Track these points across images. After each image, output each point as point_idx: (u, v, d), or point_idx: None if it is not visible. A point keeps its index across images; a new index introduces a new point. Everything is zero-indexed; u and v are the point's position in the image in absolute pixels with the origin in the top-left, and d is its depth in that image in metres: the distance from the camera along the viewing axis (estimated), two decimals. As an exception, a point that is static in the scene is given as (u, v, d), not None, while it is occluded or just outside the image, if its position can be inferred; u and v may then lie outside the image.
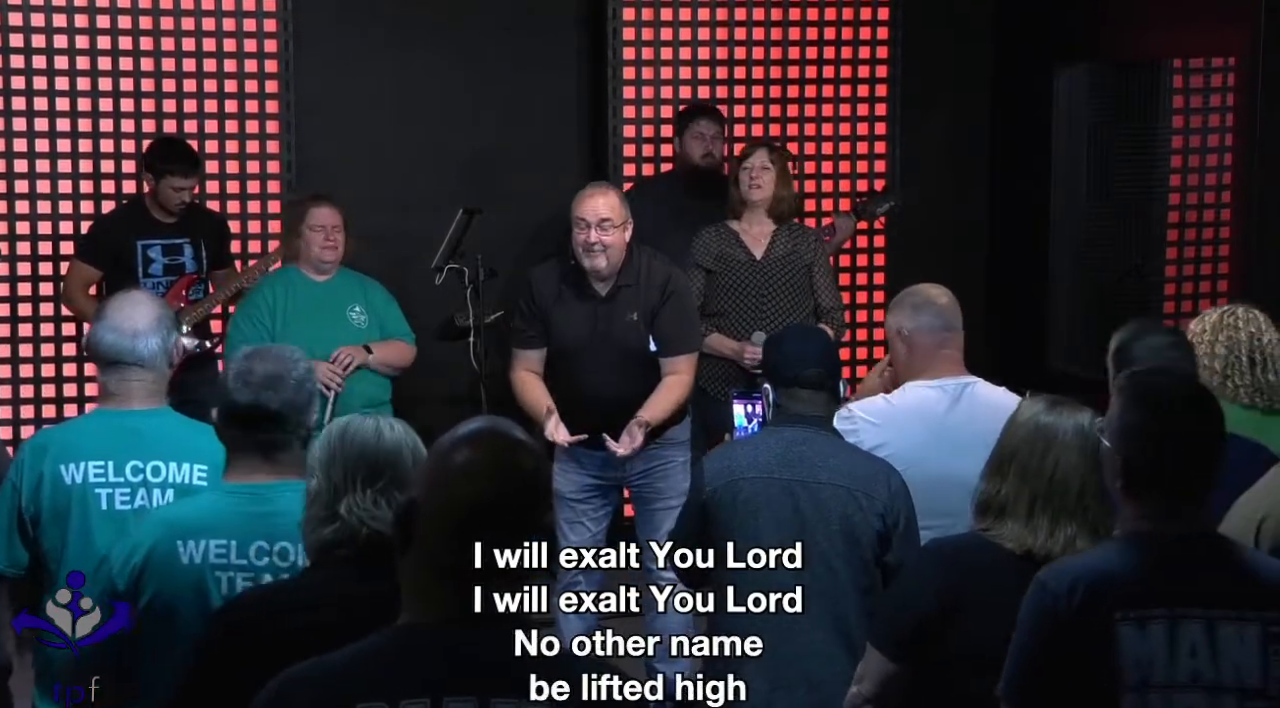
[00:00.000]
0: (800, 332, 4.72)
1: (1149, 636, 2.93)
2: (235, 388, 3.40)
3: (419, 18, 7.66)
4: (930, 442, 4.36)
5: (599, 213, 5.75)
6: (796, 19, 7.96)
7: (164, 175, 6.72)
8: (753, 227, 6.62)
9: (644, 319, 5.82)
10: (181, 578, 3.32)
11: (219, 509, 3.38)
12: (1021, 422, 3.52)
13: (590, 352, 5.80)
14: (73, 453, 3.90)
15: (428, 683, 2.28)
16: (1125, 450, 3.02)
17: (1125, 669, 2.92)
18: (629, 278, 5.83)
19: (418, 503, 2.35)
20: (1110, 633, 2.92)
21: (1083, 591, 2.95)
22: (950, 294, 4.62)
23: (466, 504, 2.32)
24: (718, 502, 4.22)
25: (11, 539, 3.94)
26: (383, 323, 6.40)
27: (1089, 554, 3.13)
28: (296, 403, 3.41)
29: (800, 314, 6.55)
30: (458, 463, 2.34)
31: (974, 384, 4.52)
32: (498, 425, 2.42)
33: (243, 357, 3.48)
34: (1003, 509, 3.48)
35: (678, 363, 5.88)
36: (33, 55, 7.16)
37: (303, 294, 6.30)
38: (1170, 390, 3.09)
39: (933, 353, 4.52)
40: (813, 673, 4.12)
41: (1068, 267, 8.10)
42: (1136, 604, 2.94)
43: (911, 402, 4.50)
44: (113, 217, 7.03)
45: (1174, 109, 7.80)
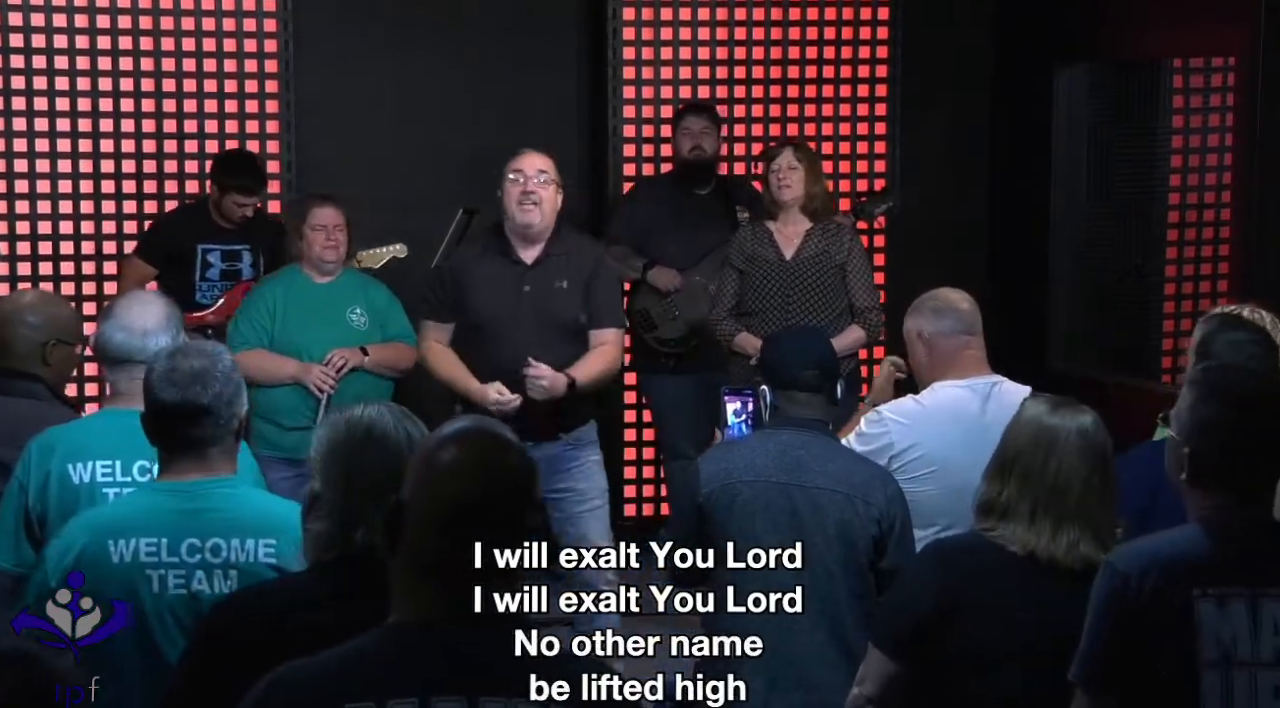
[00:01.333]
0: (799, 333, 4.73)
1: (1230, 613, 2.92)
2: (161, 387, 3.38)
3: (419, 18, 7.66)
4: (964, 441, 4.32)
5: (535, 165, 5.60)
6: (796, 19, 7.96)
7: (228, 191, 6.74)
8: (786, 226, 6.60)
9: (576, 288, 5.61)
10: (112, 577, 3.31)
11: (149, 507, 3.38)
12: (1024, 423, 3.52)
13: (515, 322, 5.56)
14: (80, 452, 3.90)
15: (416, 683, 2.28)
16: (1194, 444, 3.02)
17: (1206, 646, 2.92)
18: (559, 247, 5.64)
19: (404, 503, 2.35)
20: (1189, 610, 2.92)
21: (1157, 571, 2.94)
22: (971, 299, 4.59)
23: (452, 503, 2.32)
24: (714, 504, 4.21)
25: (18, 538, 3.93)
26: (384, 325, 6.35)
27: (1159, 537, 3.10)
28: (225, 396, 3.39)
29: (830, 314, 6.52)
30: (444, 462, 2.34)
31: (1001, 383, 4.51)
32: (484, 424, 2.42)
33: (165, 356, 3.46)
34: (1005, 511, 3.48)
35: (606, 335, 5.66)
36: (33, 55, 7.16)
37: (303, 295, 6.28)
38: (1241, 386, 3.09)
39: (955, 355, 4.51)
40: (809, 675, 4.12)
41: (1068, 267, 8.10)
42: (1216, 582, 2.94)
43: (944, 401, 4.47)
44: (175, 217, 7.07)
45: (1174, 109, 7.80)
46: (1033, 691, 3.41)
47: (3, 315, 4.44)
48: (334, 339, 6.22)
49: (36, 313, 4.44)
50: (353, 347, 6.22)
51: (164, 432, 3.41)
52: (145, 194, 7.36)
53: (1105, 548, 3.41)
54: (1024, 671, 3.42)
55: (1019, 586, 3.41)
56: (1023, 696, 3.43)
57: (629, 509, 7.98)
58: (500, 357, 5.55)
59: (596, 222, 7.67)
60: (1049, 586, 3.41)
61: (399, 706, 2.26)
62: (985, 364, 4.54)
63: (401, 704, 2.26)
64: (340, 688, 2.28)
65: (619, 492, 7.85)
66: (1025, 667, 3.42)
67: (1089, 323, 8.12)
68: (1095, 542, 3.41)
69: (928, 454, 4.37)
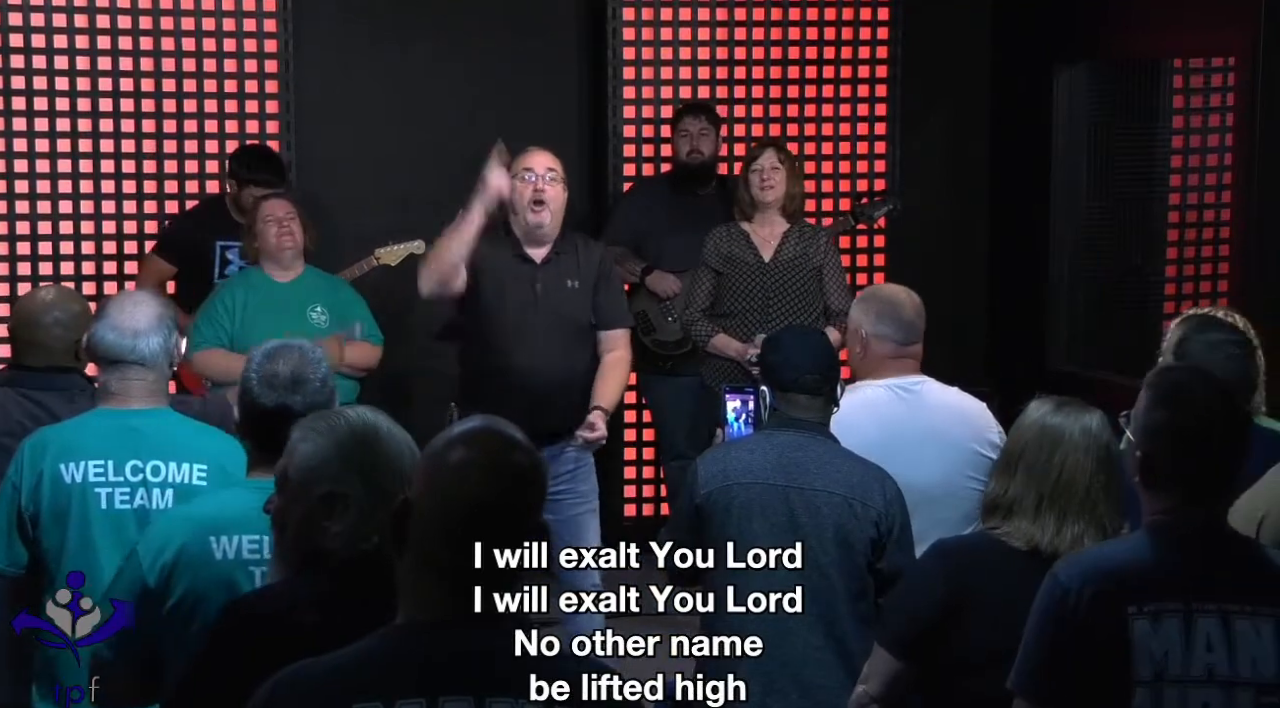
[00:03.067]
0: (799, 334, 4.70)
1: (1163, 629, 2.92)
2: (260, 391, 3.38)
3: (419, 18, 7.66)
4: (880, 439, 4.35)
5: (546, 163, 5.61)
6: (796, 19, 7.96)
7: (247, 184, 6.73)
8: (763, 227, 6.61)
9: (585, 287, 5.61)
10: (213, 575, 3.29)
11: (249, 505, 3.37)
12: (1029, 423, 3.53)
13: (526, 323, 5.53)
14: (73, 452, 3.90)
15: (424, 683, 2.28)
16: (1145, 446, 3.03)
17: (1138, 663, 2.92)
18: (566, 246, 5.64)
19: (412, 503, 2.35)
20: (1123, 627, 2.92)
21: (1095, 584, 2.95)
22: (918, 304, 4.61)
23: (461, 504, 2.31)
24: (712, 506, 4.20)
25: (11, 538, 3.94)
26: (345, 323, 6.33)
27: (1103, 547, 3.13)
28: (318, 404, 3.38)
29: (808, 317, 6.53)
30: (453, 462, 2.34)
31: (924, 383, 4.56)
32: (493, 424, 2.41)
33: (264, 356, 3.44)
34: (1010, 508, 3.49)
35: (616, 338, 5.68)
36: (33, 55, 7.16)
37: (263, 294, 6.27)
38: (1193, 388, 3.07)
39: (885, 360, 4.56)
40: (805, 678, 4.12)
41: (1068, 267, 8.10)
42: (1151, 598, 2.93)
43: (861, 400, 4.49)
44: (193, 215, 7.08)
45: (1174, 109, 7.79)
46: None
47: (31, 317, 4.46)
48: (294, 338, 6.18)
49: (63, 310, 4.47)
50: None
51: (257, 431, 3.40)
52: (146, 194, 7.35)
53: (1109, 542, 3.43)
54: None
55: (1024, 582, 3.41)
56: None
57: (629, 509, 7.98)
58: (513, 356, 5.52)
59: (596, 222, 7.66)
60: None
61: (407, 705, 2.26)
62: (915, 367, 4.58)
63: (409, 704, 2.26)
64: (348, 688, 2.28)
65: (619, 492, 7.85)
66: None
67: (1089, 323, 8.12)
68: (1100, 536, 3.43)
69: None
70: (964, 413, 4.57)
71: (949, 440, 4.47)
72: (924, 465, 4.35)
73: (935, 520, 4.22)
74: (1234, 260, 7.43)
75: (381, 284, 6.79)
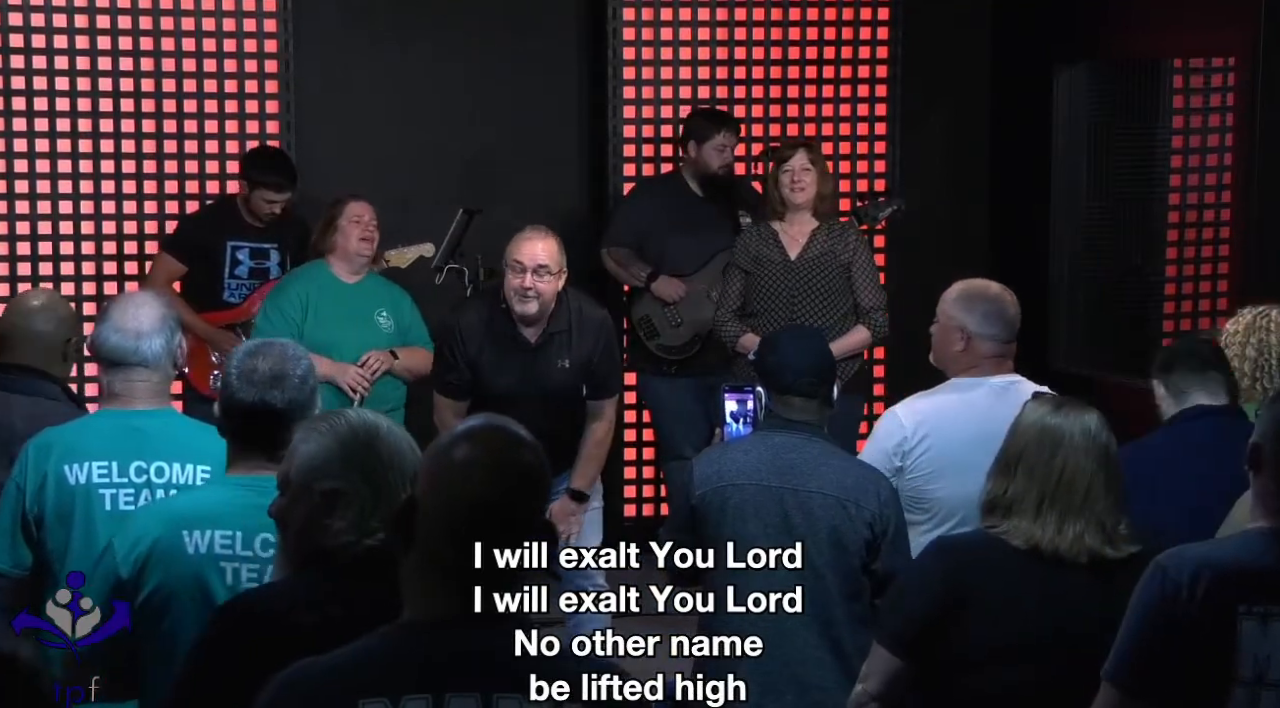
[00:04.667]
0: (796, 336, 4.70)
1: (1270, 632, 2.92)
2: (239, 387, 3.39)
3: (419, 18, 7.66)
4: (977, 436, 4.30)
5: (536, 258, 5.54)
6: (796, 19, 7.96)
7: (258, 186, 6.73)
8: (792, 226, 6.60)
9: (577, 366, 5.66)
10: (185, 569, 3.31)
11: (224, 501, 3.38)
12: (1028, 423, 3.54)
13: (521, 398, 5.52)
14: (77, 453, 3.90)
15: (430, 680, 2.28)
16: (1259, 436, 3.02)
17: (1242, 664, 2.91)
18: (560, 324, 5.66)
19: (417, 501, 2.35)
20: (1231, 626, 2.91)
21: (1206, 580, 2.93)
22: (1016, 300, 4.57)
23: (465, 502, 2.31)
24: (706, 506, 4.21)
25: (15, 539, 3.93)
26: (406, 329, 6.40)
27: (1212, 543, 3.11)
28: (299, 401, 3.40)
29: (836, 315, 6.52)
30: (457, 460, 2.34)
31: (1019, 382, 4.49)
32: (497, 422, 2.41)
33: (245, 354, 3.46)
34: (1010, 507, 3.49)
35: (604, 406, 5.78)
36: (33, 55, 7.16)
37: (333, 294, 6.31)
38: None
39: (987, 359, 4.50)
40: (801, 678, 4.13)
41: (1068, 267, 8.10)
42: (1261, 599, 2.92)
43: (957, 397, 4.47)
44: (203, 215, 7.08)
45: (1174, 109, 7.79)
46: (1040, 685, 3.41)
47: (20, 319, 4.50)
48: (364, 339, 6.27)
49: (52, 312, 4.51)
50: (383, 349, 6.25)
51: (237, 429, 3.42)
52: (146, 194, 7.35)
53: (1110, 541, 3.43)
54: (1031, 665, 3.43)
55: (1024, 581, 3.42)
56: (1030, 690, 3.43)
57: (629, 509, 7.98)
58: None
59: (596, 222, 7.67)
60: (1054, 580, 3.42)
61: (413, 702, 2.26)
62: (1012, 366, 4.55)
63: (415, 701, 2.26)
64: (354, 686, 2.28)
65: (619, 492, 7.85)
66: (1032, 662, 3.43)
67: (1089, 323, 8.12)
68: (1100, 535, 3.43)
69: (938, 447, 4.37)
70: None
71: None
72: None
73: None
74: (1234, 260, 7.44)
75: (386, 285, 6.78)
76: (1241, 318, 4.50)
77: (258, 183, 6.73)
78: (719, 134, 7.18)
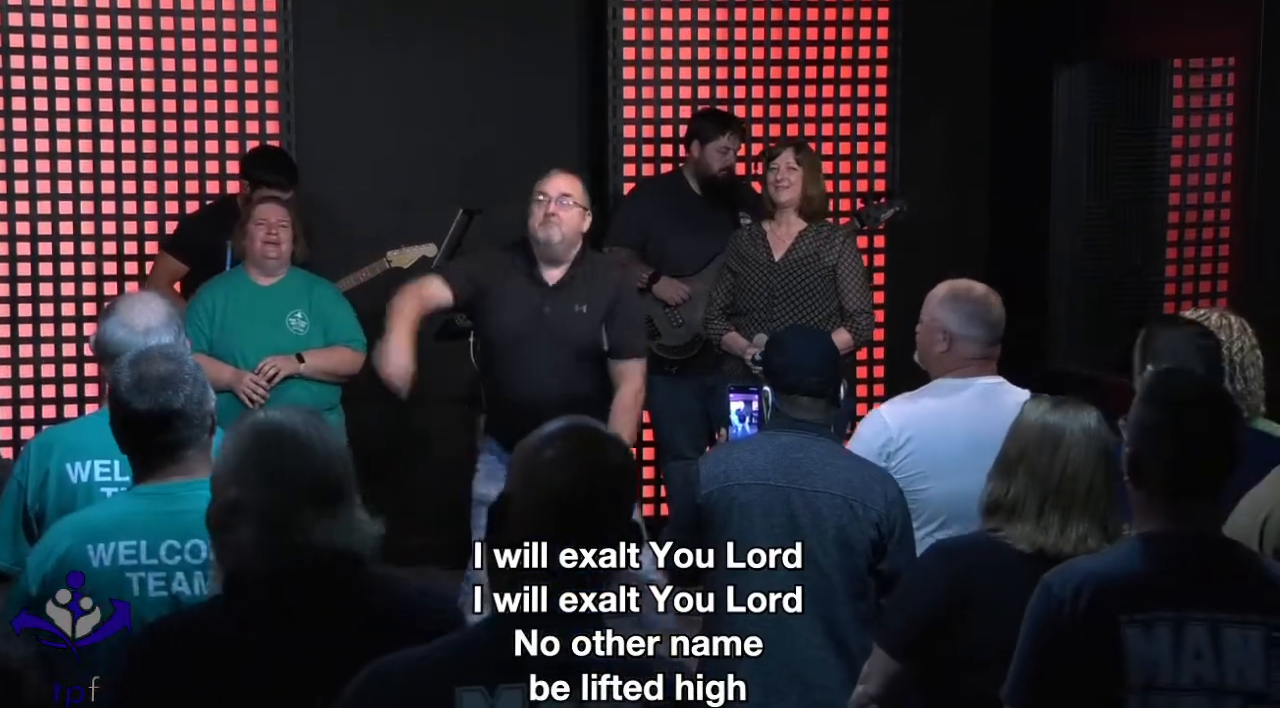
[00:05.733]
0: (803, 335, 4.70)
1: (1154, 638, 2.93)
2: (133, 397, 3.36)
3: (419, 17, 7.66)
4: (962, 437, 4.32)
5: (560, 188, 5.56)
6: (796, 19, 7.96)
7: (260, 185, 6.71)
8: (780, 227, 6.60)
9: (594, 313, 5.55)
10: (95, 581, 3.30)
11: (128, 511, 3.37)
12: (1028, 423, 3.54)
13: (531, 343, 5.49)
14: (79, 451, 3.90)
15: (524, 670, 2.35)
16: (1134, 446, 3.03)
17: (1130, 672, 2.93)
18: (581, 270, 5.58)
19: (509, 499, 2.42)
20: (1116, 636, 2.93)
21: (1088, 594, 2.95)
22: (1000, 302, 4.56)
23: (556, 499, 2.38)
24: (712, 506, 4.21)
25: (17, 537, 3.94)
26: (328, 328, 6.25)
27: (1094, 557, 3.13)
28: (194, 397, 3.38)
29: (818, 317, 6.50)
30: (547, 459, 2.40)
31: (1001, 384, 4.50)
32: (583, 422, 2.48)
33: (128, 365, 3.42)
34: (1012, 509, 3.49)
35: (630, 368, 5.58)
36: (33, 55, 7.16)
37: (245, 298, 6.21)
38: (1185, 390, 3.07)
39: (970, 361, 4.50)
40: (805, 678, 4.12)
41: (1068, 267, 8.10)
42: (1142, 607, 2.94)
43: (942, 398, 4.47)
44: (205, 214, 7.07)
45: (1174, 109, 7.79)
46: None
47: None
48: (271, 344, 6.14)
49: None
50: (288, 353, 6.13)
51: (139, 440, 3.39)
52: (146, 194, 7.35)
53: (1111, 541, 3.42)
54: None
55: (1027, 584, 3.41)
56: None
57: (629, 509, 7.97)
58: (515, 378, 5.52)
59: (597, 222, 7.65)
60: None
61: (509, 692, 2.33)
62: (994, 367, 4.54)
63: (511, 691, 2.34)
64: (448, 675, 2.36)
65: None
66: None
67: (1089, 323, 8.11)
68: (1103, 535, 3.43)
69: (924, 448, 4.36)
70: None
71: None
72: None
73: None
74: (1234, 260, 7.44)
75: (393, 287, 6.78)
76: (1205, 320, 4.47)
77: (260, 181, 6.72)
78: (723, 136, 7.17)
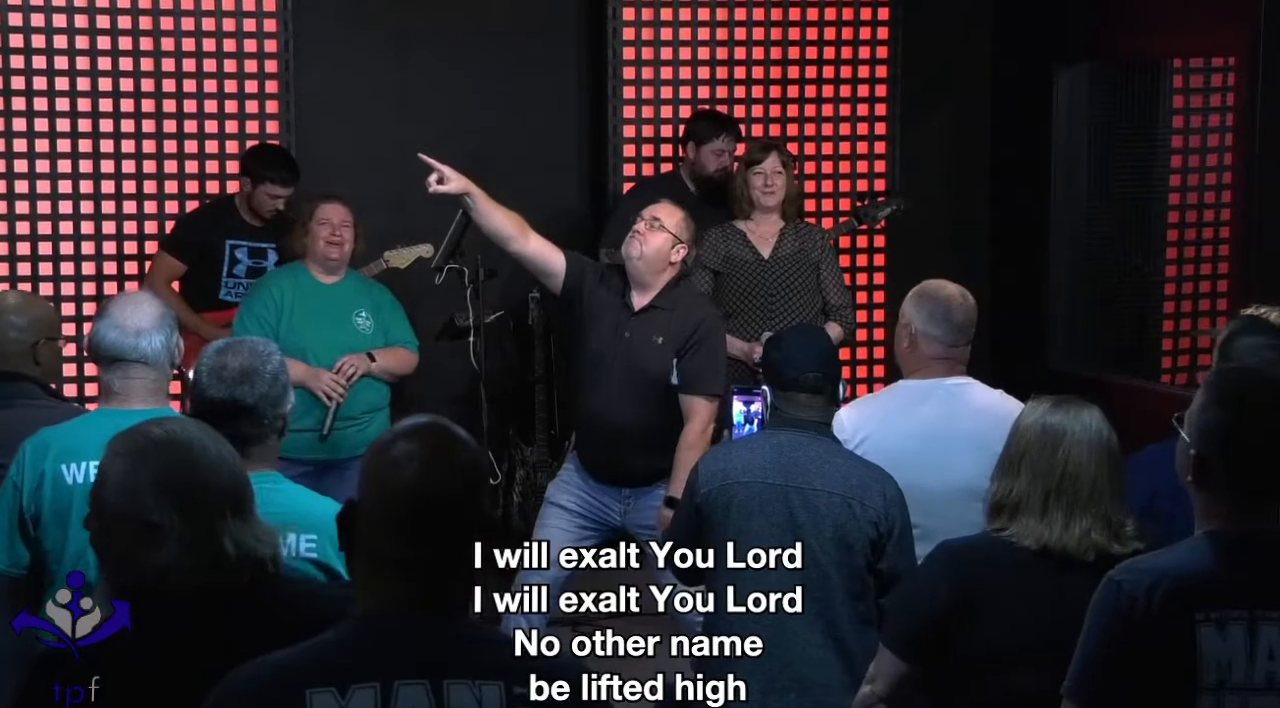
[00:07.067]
0: (802, 333, 4.71)
1: (1229, 637, 2.92)
2: (210, 383, 3.43)
3: (419, 18, 7.66)
4: (918, 436, 4.36)
5: (654, 212, 5.62)
6: (796, 19, 7.96)
7: (262, 181, 6.73)
8: (760, 226, 6.62)
9: (669, 346, 5.52)
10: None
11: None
12: (1029, 423, 3.54)
13: (608, 362, 5.53)
14: (74, 452, 3.89)
15: (378, 669, 2.32)
16: (1200, 446, 3.00)
17: (1204, 671, 2.91)
18: (666, 301, 5.57)
19: (357, 499, 2.40)
20: (1190, 634, 2.91)
21: (1163, 592, 2.93)
22: (971, 307, 4.57)
23: (401, 494, 2.36)
24: (711, 505, 4.20)
25: (13, 538, 3.93)
26: (387, 329, 6.36)
27: (1164, 554, 3.09)
28: (271, 396, 3.43)
29: (809, 313, 6.55)
30: (394, 456, 2.39)
31: (969, 384, 4.52)
32: (435, 420, 2.46)
33: (215, 352, 3.49)
34: (1016, 507, 3.49)
35: (697, 405, 5.48)
36: (33, 55, 7.16)
37: (310, 295, 6.27)
38: (1252, 389, 3.05)
39: (932, 359, 4.52)
40: (804, 677, 4.12)
41: (1068, 267, 8.10)
42: (1217, 606, 2.92)
43: (901, 396, 4.51)
44: (204, 214, 7.08)
45: (1174, 109, 7.79)
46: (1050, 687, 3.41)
47: None
48: (340, 341, 6.22)
49: (21, 314, 4.47)
50: (359, 352, 6.22)
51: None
52: (146, 194, 7.35)
53: (1116, 538, 3.43)
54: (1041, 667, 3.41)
55: (1033, 582, 3.42)
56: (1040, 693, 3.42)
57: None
58: (592, 395, 5.56)
59: (597, 223, 7.66)
60: (1062, 581, 3.41)
61: (360, 691, 2.30)
62: (960, 369, 4.55)
63: (363, 690, 2.31)
64: (302, 677, 2.32)
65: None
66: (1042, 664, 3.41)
67: (1089, 323, 8.12)
68: (1107, 531, 3.43)
69: (876, 445, 4.37)
70: (1003, 417, 4.54)
71: (983, 443, 4.43)
72: (956, 468, 4.32)
73: (962, 523, 4.20)
74: (1234, 260, 7.44)
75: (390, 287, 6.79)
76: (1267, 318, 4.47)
77: (262, 178, 6.73)
78: (719, 138, 7.18)
